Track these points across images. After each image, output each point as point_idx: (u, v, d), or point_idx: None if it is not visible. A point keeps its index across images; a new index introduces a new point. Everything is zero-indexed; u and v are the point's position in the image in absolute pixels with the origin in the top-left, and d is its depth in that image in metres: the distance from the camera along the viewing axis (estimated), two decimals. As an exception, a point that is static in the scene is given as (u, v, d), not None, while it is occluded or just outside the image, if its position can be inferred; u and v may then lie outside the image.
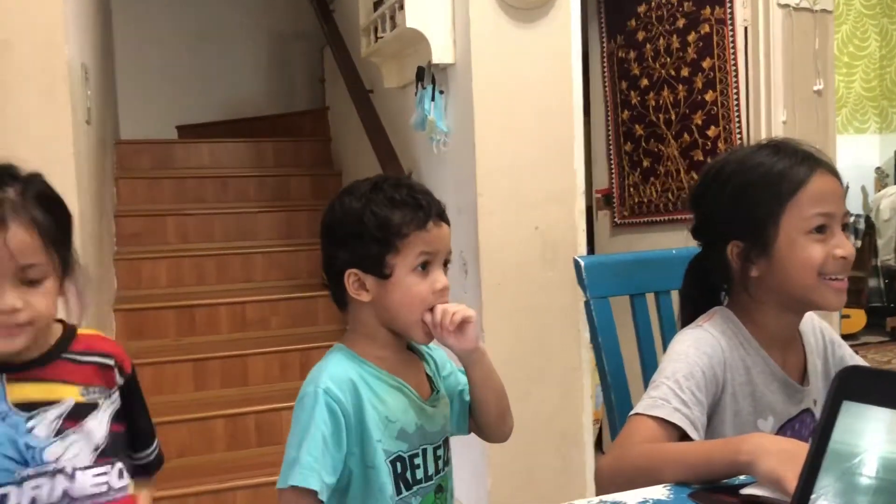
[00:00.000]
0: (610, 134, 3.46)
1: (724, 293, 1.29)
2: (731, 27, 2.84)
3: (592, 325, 1.45)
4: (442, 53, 2.54)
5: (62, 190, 1.07)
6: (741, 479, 0.93)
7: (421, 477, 1.17)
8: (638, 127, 3.29)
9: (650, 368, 1.44)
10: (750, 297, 1.21)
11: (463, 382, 1.26)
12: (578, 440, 2.56)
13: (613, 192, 3.47)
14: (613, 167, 3.47)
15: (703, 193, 1.25)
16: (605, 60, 3.45)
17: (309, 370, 1.16)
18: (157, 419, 2.85)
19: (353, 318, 1.19)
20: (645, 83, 3.23)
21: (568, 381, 2.54)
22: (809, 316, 1.28)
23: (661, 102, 3.16)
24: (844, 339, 1.37)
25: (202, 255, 3.67)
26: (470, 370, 1.21)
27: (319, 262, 1.20)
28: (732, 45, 2.84)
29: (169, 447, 2.71)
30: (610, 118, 3.45)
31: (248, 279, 3.68)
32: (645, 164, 3.27)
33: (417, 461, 1.16)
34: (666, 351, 1.21)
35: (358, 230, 1.12)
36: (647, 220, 3.30)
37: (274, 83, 5.70)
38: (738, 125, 2.84)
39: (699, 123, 2.99)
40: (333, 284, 1.18)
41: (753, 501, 0.88)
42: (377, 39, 3.00)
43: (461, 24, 2.49)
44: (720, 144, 2.91)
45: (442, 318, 1.12)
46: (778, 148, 1.19)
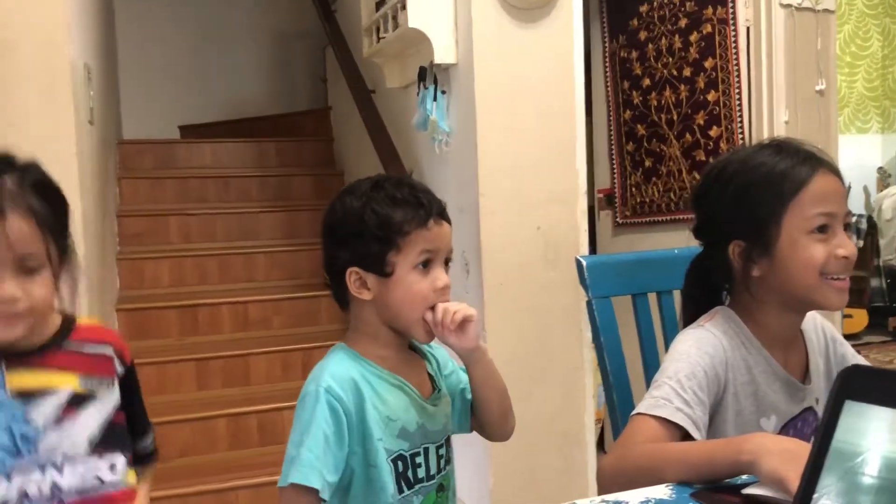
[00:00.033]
0: (612, 134, 3.46)
1: (725, 293, 1.29)
2: (733, 27, 2.84)
3: (594, 324, 1.45)
4: (444, 53, 2.54)
5: (65, 190, 1.07)
6: (743, 478, 0.93)
7: (423, 476, 1.17)
8: (640, 127, 3.29)
9: (652, 368, 1.44)
10: (752, 296, 1.21)
11: (464, 381, 1.26)
12: (580, 440, 2.56)
13: (615, 192, 3.47)
14: (615, 167, 3.46)
15: (704, 193, 1.25)
16: (607, 60, 3.44)
17: (311, 370, 1.16)
18: (159, 418, 2.84)
19: (354, 317, 1.19)
20: (647, 83, 3.23)
21: (570, 380, 2.54)
22: (811, 314, 1.27)
23: (663, 102, 3.16)
24: (846, 339, 1.37)
25: (204, 254, 3.67)
26: (471, 369, 1.21)
27: (321, 261, 1.20)
28: (734, 44, 2.84)
29: (171, 446, 2.74)
30: (612, 118, 3.45)
31: (250, 279, 3.68)
32: (647, 164, 3.27)
33: (419, 460, 1.16)
34: (668, 351, 1.21)
35: (359, 229, 1.13)
36: (648, 220, 3.30)
37: (276, 83, 5.70)
38: (740, 125, 2.84)
39: (701, 123, 2.99)
40: (335, 283, 1.18)
41: (756, 501, 0.88)
42: (379, 39, 3.00)
43: (463, 24, 2.49)
44: (722, 144, 2.91)
45: (443, 316, 1.12)
46: (780, 148, 1.19)
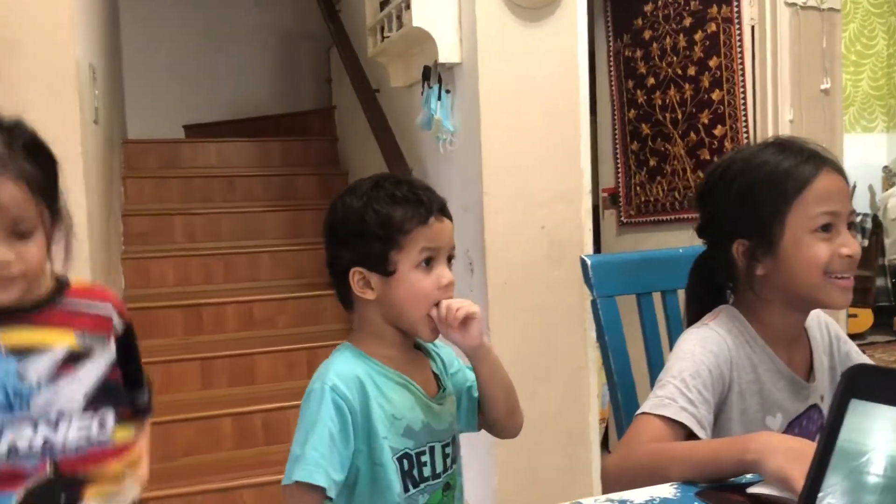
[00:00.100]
0: (616, 133, 3.46)
1: (729, 291, 1.29)
2: (737, 26, 2.83)
3: (599, 324, 1.45)
4: (448, 53, 2.54)
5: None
6: (748, 477, 0.93)
7: (428, 474, 1.17)
8: (644, 126, 3.29)
9: (657, 367, 1.44)
10: (755, 295, 1.21)
11: (471, 379, 1.26)
12: (585, 439, 2.56)
13: (620, 191, 3.47)
14: (620, 166, 3.46)
15: (708, 192, 1.25)
16: (611, 59, 3.44)
17: (316, 369, 1.16)
18: (164, 418, 2.85)
19: (359, 316, 1.19)
20: (651, 82, 3.22)
21: (574, 380, 2.54)
22: (815, 312, 1.27)
23: (667, 101, 3.15)
24: (851, 338, 1.36)
25: (209, 254, 3.68)
26: (477, 366, 1.21)
27: (325, 261, 1.21)
28: (739, 43, 2.83)
29: (176, 445, 2.74)
30: (616, 117, 3.45)
31: (254, 278, 3.68)
32: (651, 163, 3.27)
33: (424, 458, 1.16)
34: (672, 350, 1.21)
35: (360, 228, 1.13)
36: (653, 219, 3.30)
37: (281, 83, 5.71)
38: (744, 124, 2.84)
39: (706, 122, 2.99)
40: (338, 284, 1.18)
41: (761, 500, 0.88)
42: (383, 39, 3.00)
43: (468, 23, 2.49)
44: (727, 143, 2.90)
45: (446, 313, 1.12)
46: (784, 146, 1.19)
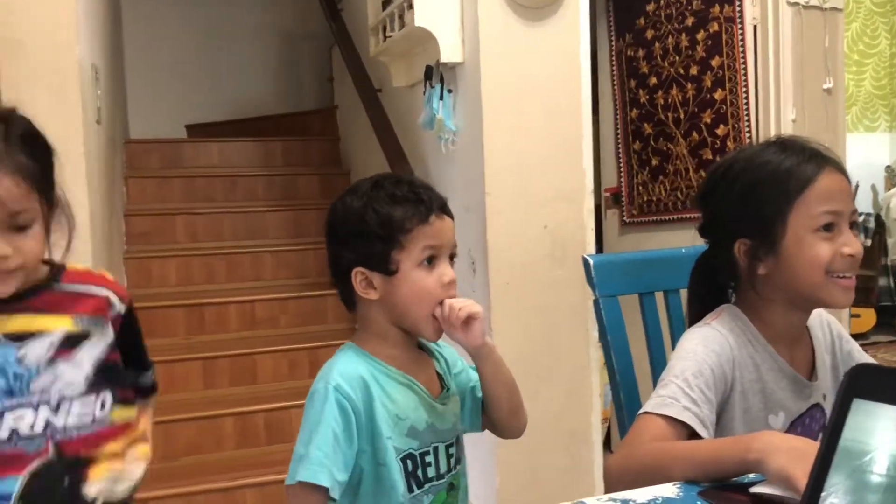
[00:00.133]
0: (619, 133, 3.46)
1: (731, 291, 1.29)
2: (740, 25, 2.83)
3: (601, 323, 1.45)
4: (450, 52, 2.54)
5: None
6: (751, 477, 0.93)
7: (433, 475, 1.17)
8: (647, 125, 3.29)
9: (659, 367, 1.44)
10: (757, 294, 1.21)
11: (474, 379, 1.26)
12: (587, 439, 2.56)
13: (622, 190, 3.47)
14: (622, 166, 3.46)
15: (710, 191, 1.25)
16: (613, 59, 3.44)
17: (318, 368, 1.16)
18: (165, 417, 2.84)
19: (362, 317, 1.19)
20: (654, 81, 3.22)
21: (576, 379, 2.54)
22: (817, 311, 1.27)
23: (669, 101, 3.15)
24: (854, 338, 1.36)
25: (211, 253, 3.68)
26: (480, 366, 1.21)
27: (327, 262, 1.21)
28: (742, 43, 2.83)
29: (178, 445, 2.75)
30: (619, 117, 3.45)
31: (257, 278, 3.69)
32: (654, 162, 3.27)
33: (429, 459, 1.16)
34: (674, 349, 1.21)
35: (361, 229, 1.13)
36: (655, 218, 3.29)
37: (283, 82, 5.71)
38: (747, 124, 2.84)
39: (708, 122, 2.99)
40: (341, 284, 1.18)
41: (763, 500, 0.87)
42: (385, 38, 3.00)
43: (470, 22, 2.49)
44: (729, 143, 2.90)
45: (448, 312, 1.12)
46: (785, 146, 1.19)
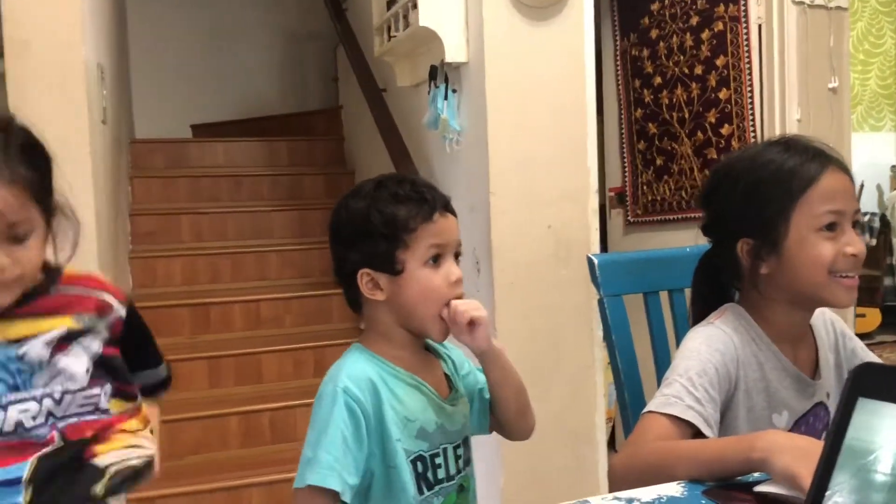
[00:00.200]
0: (623, 132, 3.46)
1: (734, 290, 1.29)
2: (744, 25, 2.83)
3: (606, 323, 1.45)
4: (455, 52, 2.54)
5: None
6: (755, 476, 0.93)
7: (442, 476, 1.16)
8: (651, 125, 3.29)
9: (663, 366, 1.44)
10: (760, 294, 1.21)
11: (482, 381, 1.25)
12: (591, 438, 2.56)
13: (627, 190, 3.47)
14: (627, 165, 3.46)
15: (713, 191, 1.25)
16: (618, 59, 3.44)
17: (323, 368, 1.16)
18: (171, 416, 2.85)
19: (368, 318, 1.18)
20: (658, 81, 3.22)
21: (581, 379, 2.54)
22: (820, 310, 1.27)
23: (674, 100, 3.15)
24: (860, 338, 1.36)
25: (216, 253, 3.69)
26: (487, 368, 1.21)
27: (332, 263, 1.20)
28: (746, 42, 2.83)
29: (183, 444, 2.75)
30: (623, 116, 3.45)
31: (262, 277, 3.69)
32: (658, 162, 3.27)
33: (438, 460, 1.15)
34: (678, 348, 1.21)
35: (365, 229, 1.12)
36: (660, 218, 3.29)
37: (287, 82, 5.72)
38: (751, 123, 2.83)
39: (713, 121, 2.98)
40: (346, 286, 1.17)
41: (768, 499, 0.87)
42: (390, 38, 3.00)
43: (474, 22, 2.49)
44: (734, 143, 2.90)
45: (454, 315, 1.12)
46: (788, 145, 1.19)
